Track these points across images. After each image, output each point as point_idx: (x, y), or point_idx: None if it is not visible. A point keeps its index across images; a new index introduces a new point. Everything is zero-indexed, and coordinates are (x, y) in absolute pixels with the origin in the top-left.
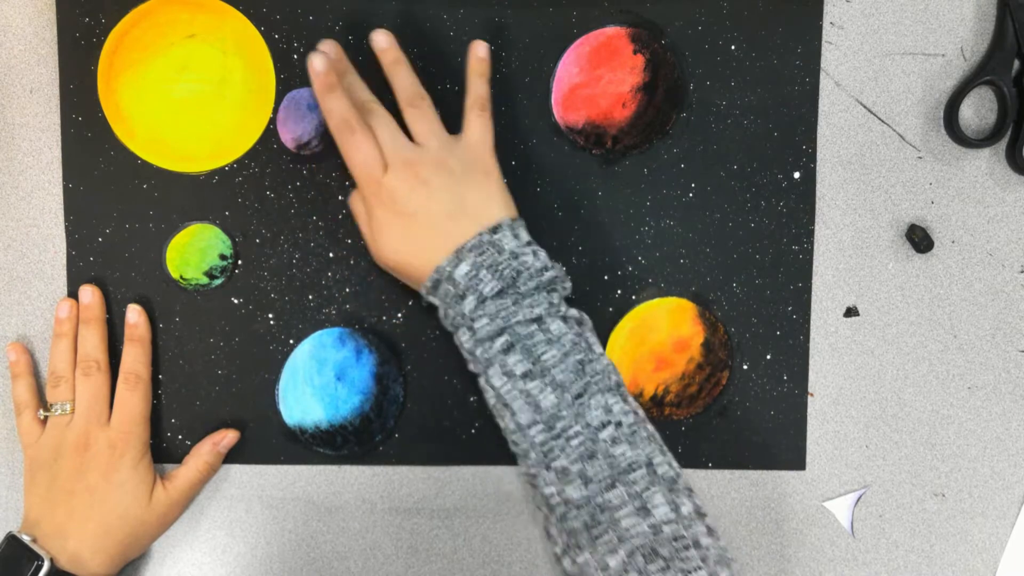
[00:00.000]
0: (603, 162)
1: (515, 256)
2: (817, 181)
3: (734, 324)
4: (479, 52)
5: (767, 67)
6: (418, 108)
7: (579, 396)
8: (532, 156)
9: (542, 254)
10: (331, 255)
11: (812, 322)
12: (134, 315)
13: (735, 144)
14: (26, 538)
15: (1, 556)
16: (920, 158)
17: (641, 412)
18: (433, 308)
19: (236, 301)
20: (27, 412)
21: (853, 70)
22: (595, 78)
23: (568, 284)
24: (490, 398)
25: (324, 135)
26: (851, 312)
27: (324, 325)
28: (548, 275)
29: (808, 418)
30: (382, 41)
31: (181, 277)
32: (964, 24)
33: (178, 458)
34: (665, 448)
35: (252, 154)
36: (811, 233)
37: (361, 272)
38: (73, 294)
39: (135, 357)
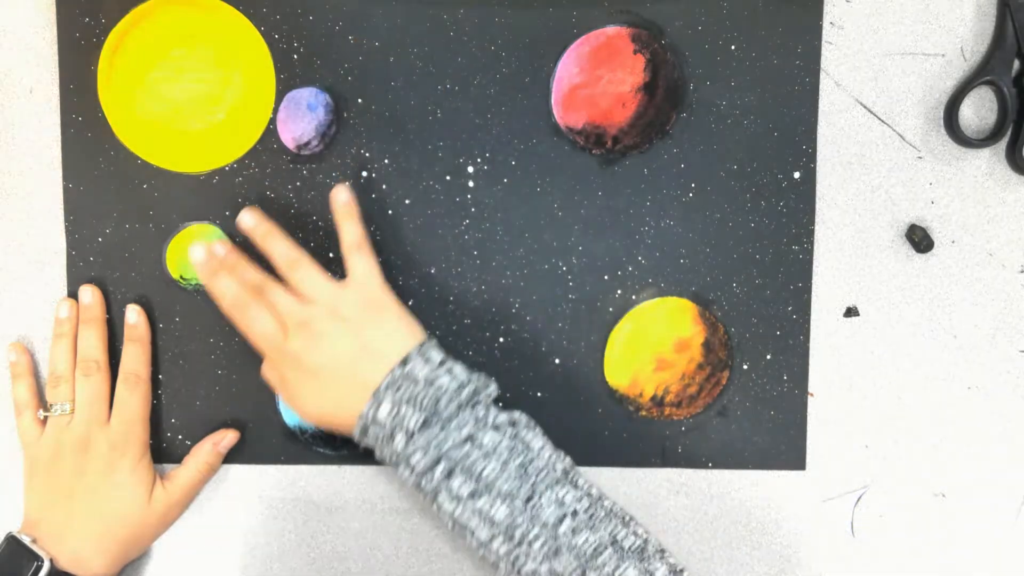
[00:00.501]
0: (603, 162)
1: (430, 383)
2: (817, 181)
3: (734, 324)
4: (341, 197)
5: (767, 67)
6: (298, 269)
7: (529, 499)
8: (532, 156)
9: (457, 369)
10: (331, 255)
11: (812, 322)
12: (134, 315)
13: (735, 144)
14: (26, 539)
15: (1, 557)
16: (920, 158)
17: (595, 490)
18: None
19: None
20: (27, 412)
21: (853, 70)
22: (595, 78)
23: (492, 388)
24: (446, 521)
25: (324, 135)
26: (851, 312)
27: None
28: (466, 392)
29: (808, 418)
30: (248, 220)
31: (181, 277)
32: (964, 24)
33: (178, 458)
34: (628, 517)
35: (252, 154)
36: (811, 233)
37: None
38: (73, 294)
39: (135, 357)
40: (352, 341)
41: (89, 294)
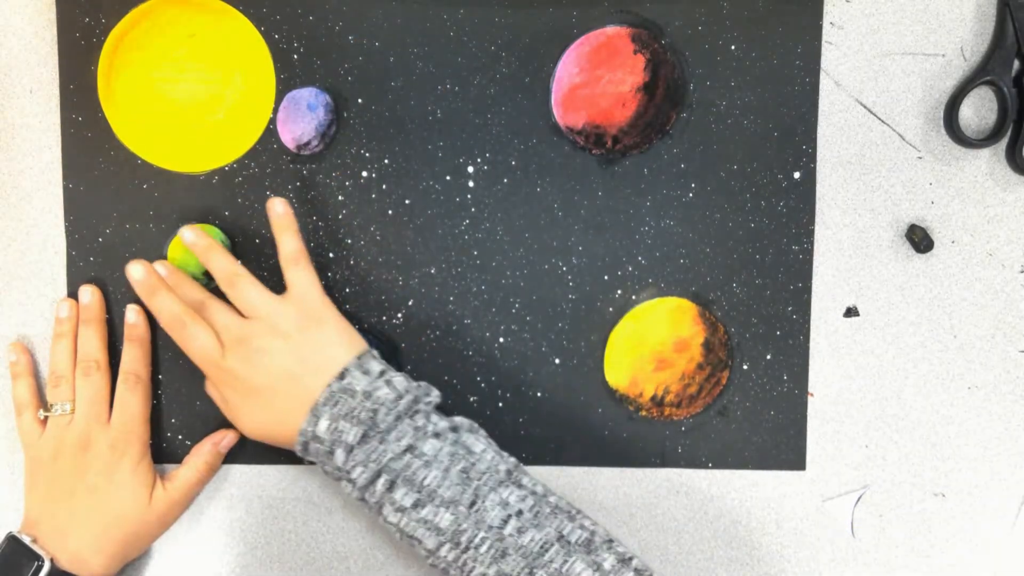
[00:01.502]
0: (603, 162)
1: (368, 396)
2: (817, 181)
3: (734, 324)
4: (277, 209)
5: (767, 67)
6: (236, 285)
7: (472, 504)
8: (532, 156)
9: (397, 379)
10: (331, 255)
11: (812, 322)
12: (133, 315)
13: (735, 144)
14: (26, 538)
15: (1, 556)
16: (920, 158)
17: (540, 487)
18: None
19: None
20: (27, 412)
21: (853, 70)
22: (595, 78)
23: (432, 395)
24: (393, 533)
25: (324, 135)
26: (851, 312)
27: None
28: (404, 402)
29: (808, 418)
30: (188, 236)
31: None
32: (964, 24)
33: (178, 458)
34: (574, 511)
35: (252, 154)
36: (811, 233)
37: (361, 272)
38: (73, 294)
39: (134, 357)
40: (290, 356)
41: (89, 294)
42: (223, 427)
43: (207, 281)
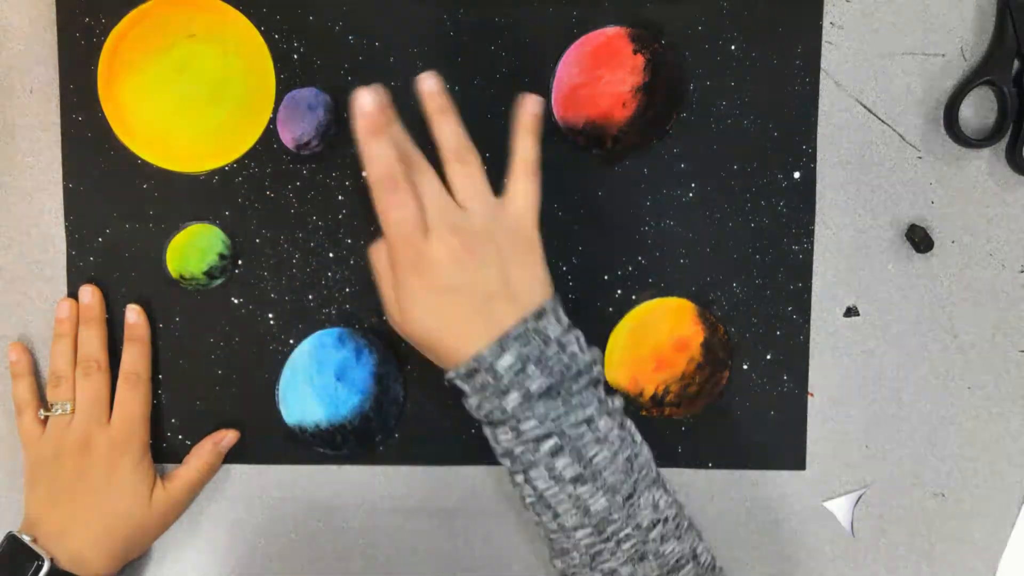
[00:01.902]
0: (603, 162)
1: (562, 347)
2: (817, 181)
3: (734, 324)
4: (532, 108)
5: (767, 67)
6: (465, 165)
7: (629, 497)
8: None
9: (582, 340)
10: (331, 255)
11: (812, 322)
12: (133, 315)
13: (735, 144)
14: (26, 538)
15: (1, 556)
16: (920, 158)
17: (677, 496)
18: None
19: (236, 301)
20: (28, 412)
21: (853, 70)
22: (595, 78)
23: (601, 367)
24: (527, 495)
25: (324, 135)
26: (851, 312)
27: (324, 325)
28: (597, 369)
29: (808, 418)
30: (430, 84)
31: (181, 277)
32: (964, 24)
33: (178, 458)
34: (699, 530)
35: (252, 154)
36: (811, 233)
37: (361, 272)
38: (73, 294)
39: (135, 357)
40: (497, 272)
41: (89, 294)
42: (223, 427)
43: (208, 280)
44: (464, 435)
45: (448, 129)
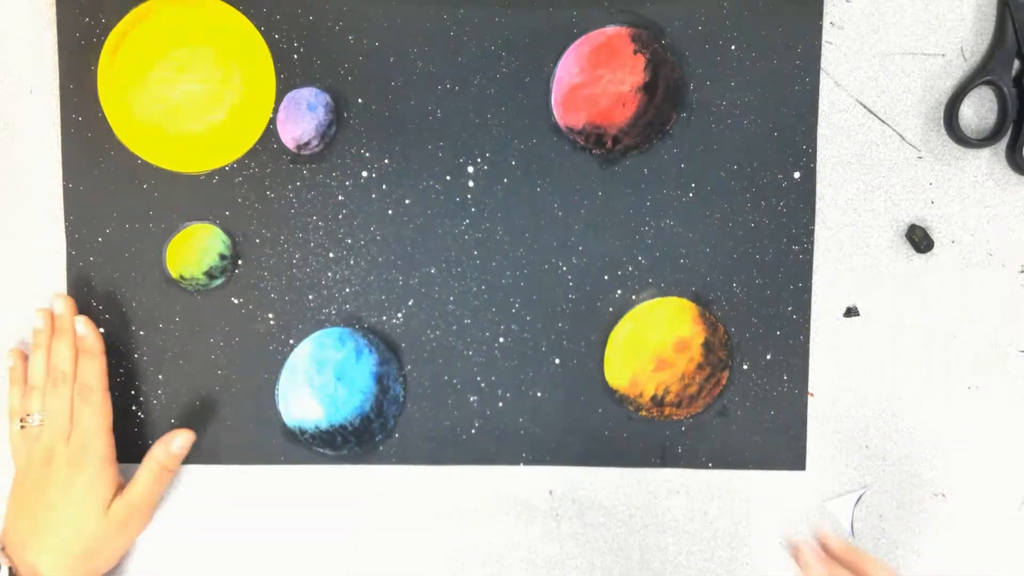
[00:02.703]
0: (603, 162)
1: None
2: (817, 181)
3: (734, 324)
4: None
5: (767, 67)
6: None
7: None
8: (532, 156)
9: None
10: (331, 255)
11: (812, 322)
12: (82, 327)
13: (735, 144)
14: None
15: None
16: (920, 158)
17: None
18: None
19: (236, 301)
20: (16, 420)
21: (853, 70)
22: (595, 78)
23: None
24: None
25: (324, 135)
26: (851, 312)
27: (324, 325)
28: None
29: (808, 418)
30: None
31: (181, 277)
32: (964, 24)
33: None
34: None
35: (252, 154)
36: (811, 233)
37: (361, 272)
38: (74, 295)
39: (86, 370)
40: None
41: (61, 304)
42: (221, 427)
43: (208, 281)
44: (464, 435)
45: None
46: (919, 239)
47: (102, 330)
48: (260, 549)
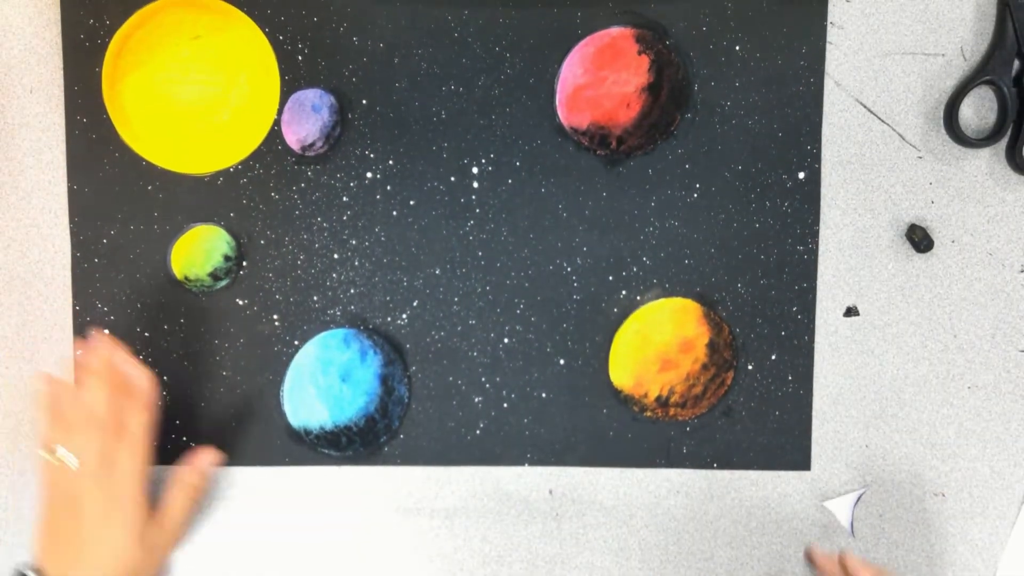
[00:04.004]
0: (607, 163)
1: None
2: None
3: (739, 324)
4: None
5: (771, 68)
6: None
7: None
8: (536, 157)
9: None
10: (336, 256)
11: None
12: (129, 368)
13: (740, 145)
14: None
15: None
16: (920, 158)
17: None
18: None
19: (241, 302)
20: (47, 449)
21: (853, 70)
22: (599, 79)
23: None
24: None
25: (328, 136)
26: (851, 312)
27: (329, 326)
28: None
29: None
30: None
31: (186, 278)
32: (964, 24)
33: (180, 460)
34: None
35: (257, 155)
36: (816, 233)
37: (366, 273)
38: (77, 294)
39: (129, 412)
40: None
41: (98, 342)
42: (226, 429)
43: (213, 282)
44: (469, 435)
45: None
46: (919, 239)
47: (106, 332)
48: (265, 549)
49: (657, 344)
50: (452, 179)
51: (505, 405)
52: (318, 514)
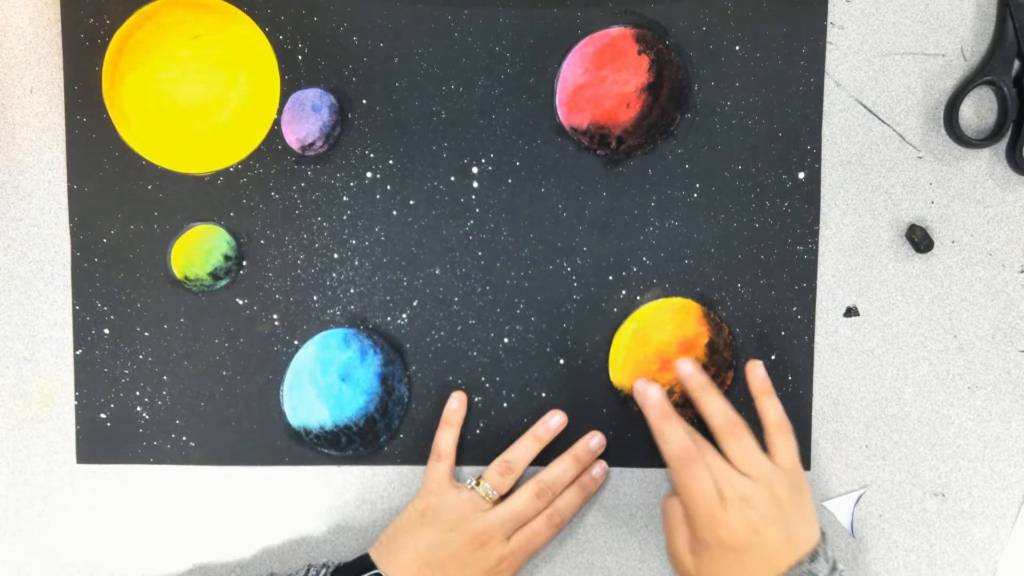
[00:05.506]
0: (607, 163)
1: None
2: None
3: (739, 324)
4: (758, 372)
5: (771, 68)
6: (739, 438)
7: None
8: (536, 157)
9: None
10: (336, 256)
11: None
12: (596, 469)
13: (739, 144)
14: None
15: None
16: (920, 158)
17: None
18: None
19: (241, 302)
20: (445, 463)
21: (853, 70)
22: (599, 79)
23: None
24: None
25: (328, 136)
26: (851, 312)
27: (329, 326)
28: None
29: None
30: (686, 368)
31: (186, 278)
32: (964, 24)
33: (179, 459)
34: None
35: (257, 155)
36: (815, 233)
37: (366, 273)
38: (76, 295)
39: (569, 500)
40: (781, 528)
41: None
42: (226, 428)
43: (213, 282)
44: (468, 435)
45: (715, 405)
46: (919, 239)
47: (106, 331)
48: (265, 550)
49: (657, 344)
50: (452, 179)
51: (505, 405)
52: (319, 514)
